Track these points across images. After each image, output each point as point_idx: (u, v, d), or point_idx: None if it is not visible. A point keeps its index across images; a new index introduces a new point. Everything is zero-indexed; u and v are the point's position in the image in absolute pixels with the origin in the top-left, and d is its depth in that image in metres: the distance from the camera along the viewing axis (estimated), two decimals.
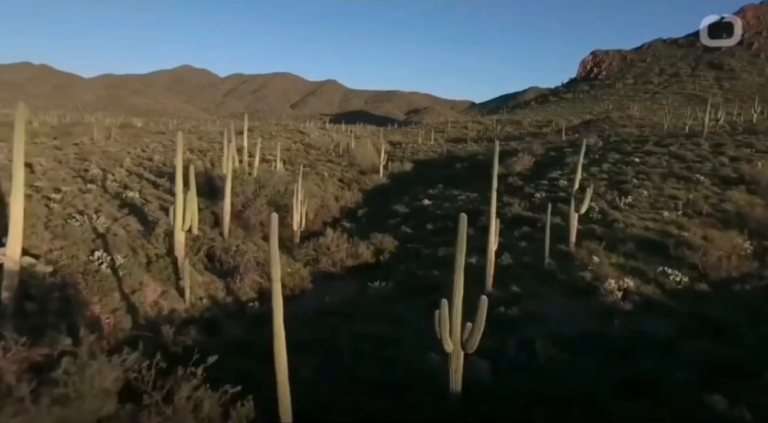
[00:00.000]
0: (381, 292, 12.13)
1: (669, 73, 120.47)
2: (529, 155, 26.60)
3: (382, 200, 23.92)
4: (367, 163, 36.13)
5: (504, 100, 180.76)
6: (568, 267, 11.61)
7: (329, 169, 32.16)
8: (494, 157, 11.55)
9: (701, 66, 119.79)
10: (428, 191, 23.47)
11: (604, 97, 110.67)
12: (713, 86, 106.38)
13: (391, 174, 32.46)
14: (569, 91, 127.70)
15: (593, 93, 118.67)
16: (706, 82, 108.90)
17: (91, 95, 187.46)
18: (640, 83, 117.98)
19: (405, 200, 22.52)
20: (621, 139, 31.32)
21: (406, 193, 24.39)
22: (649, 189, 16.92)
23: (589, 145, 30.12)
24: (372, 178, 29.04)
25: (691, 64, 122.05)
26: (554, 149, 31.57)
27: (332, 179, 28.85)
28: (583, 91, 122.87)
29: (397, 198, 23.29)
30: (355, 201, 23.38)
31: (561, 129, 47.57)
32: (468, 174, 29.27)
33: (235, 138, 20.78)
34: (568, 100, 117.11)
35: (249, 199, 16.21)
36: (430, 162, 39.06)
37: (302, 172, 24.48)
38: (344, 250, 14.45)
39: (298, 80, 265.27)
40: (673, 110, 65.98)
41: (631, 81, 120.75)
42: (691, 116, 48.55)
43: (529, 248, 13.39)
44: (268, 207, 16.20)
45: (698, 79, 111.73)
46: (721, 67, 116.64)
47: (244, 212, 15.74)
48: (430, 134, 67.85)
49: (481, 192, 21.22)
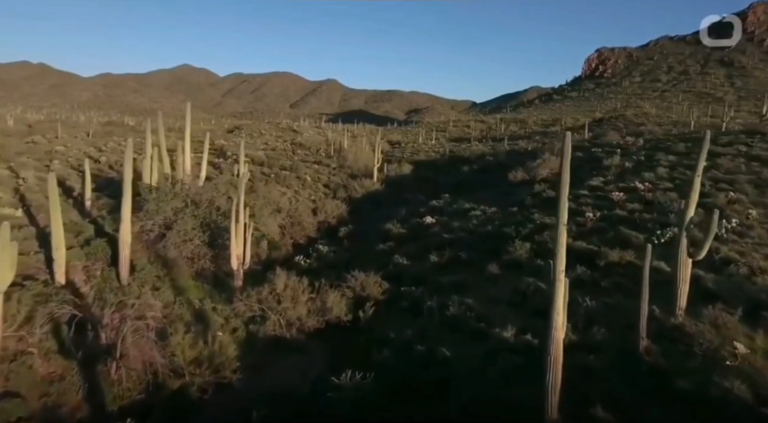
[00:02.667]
0: (353, 393, 6.89)
1: (677, 70, 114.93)
2: (554, 156, 21.33)
3: (372, 213, 18.73)
4: (360, 164, 30.87)
5: (505, 100, 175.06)
6: (685, 359, 6.36)
7: (314, 172, 26.94)
8: (563, 151, 6.00)
9: (711, 63, 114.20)
10: (431, 203, 18.08)
11: (610, 95, 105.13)
12: (724, 84, 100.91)
13: (386, 178, 27.21)
14: (574, 89, 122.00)
15: (599, 91, 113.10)
16: (716, 80, 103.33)
17: (87, 94, 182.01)
18: (647, 81, 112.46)
19: (401, 215, 17.18)
20: (660, 137, 26.00)
21: (404, 204, 19.16)
22: (747, 205, 11.63)
23: (624, 144, 24.87)
24: (364, 183, 23.77)
25: (700, 62, 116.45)
26: (579, 149, 26.23)
27: (316, 184, 23.65)
28: (589, 90, 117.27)
29: (391, 211, 18.02)
30: (338, 214, 18.12)
31: (583, 125, 42.12)
32: (477, 179, 24.04)
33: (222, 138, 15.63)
34: (573, 99, 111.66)
35: (171, 220, 10.97)
36: (432, 163, 33.79)
37: (276, 177, 19.37)
38: (303, 303, 9.21)
39: (298, 80, 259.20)
40: (685, 108, 60.90)
41: (639, 79, 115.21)
42: (707, 114, 43.34)
43: (598, 311, 8.04)
44: (202, 232, 10.96)
45: (708, 76, 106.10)
46: (732, 64, 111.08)
47: (161, 241, 10.53)
48: (431, 133, 62.88)
49: (500, 204, 15.99)
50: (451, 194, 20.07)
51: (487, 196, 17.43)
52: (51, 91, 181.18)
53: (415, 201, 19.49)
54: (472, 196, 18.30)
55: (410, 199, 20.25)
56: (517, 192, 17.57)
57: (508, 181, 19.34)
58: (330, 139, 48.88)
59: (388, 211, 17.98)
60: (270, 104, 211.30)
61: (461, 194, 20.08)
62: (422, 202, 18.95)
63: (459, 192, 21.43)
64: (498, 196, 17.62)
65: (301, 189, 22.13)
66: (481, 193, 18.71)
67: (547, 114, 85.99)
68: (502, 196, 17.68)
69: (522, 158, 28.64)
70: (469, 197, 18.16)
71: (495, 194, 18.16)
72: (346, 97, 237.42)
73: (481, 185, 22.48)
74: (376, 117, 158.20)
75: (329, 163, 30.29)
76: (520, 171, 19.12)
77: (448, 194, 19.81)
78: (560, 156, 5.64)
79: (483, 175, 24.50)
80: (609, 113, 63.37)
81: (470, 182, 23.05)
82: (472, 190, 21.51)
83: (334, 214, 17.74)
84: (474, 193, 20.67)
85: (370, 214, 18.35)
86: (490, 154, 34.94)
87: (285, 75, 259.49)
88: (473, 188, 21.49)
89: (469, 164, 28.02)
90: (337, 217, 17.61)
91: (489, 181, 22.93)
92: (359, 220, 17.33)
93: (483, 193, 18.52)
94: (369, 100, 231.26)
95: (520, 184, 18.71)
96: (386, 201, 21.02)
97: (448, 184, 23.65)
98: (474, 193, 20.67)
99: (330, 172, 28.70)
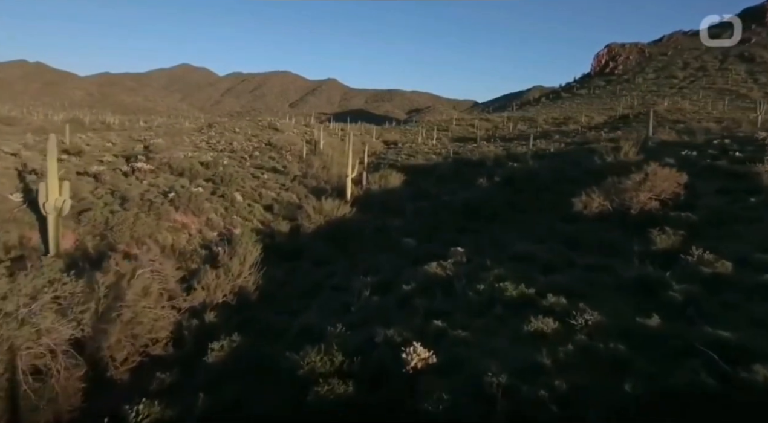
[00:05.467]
0: None
1: (694, 66, 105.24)
2: (662, 167, 11.25)
3: (310, 280, 9.50)
4: (333, 172, 21.79)
5: (508, 99, 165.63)
6: None
7: (260, 186, 17.89)
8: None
9: (730, 58, 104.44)
10: (429, 262, 8.08)
11: (624, 92, 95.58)
12: (747, 80, 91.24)
13: (365, 194, 18.12)
14: (583, 86, 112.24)
15: (610, 88, 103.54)
16: (737, 76, 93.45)
17: (81, 93, 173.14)
18: (662, 78, 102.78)
19: (366, 303, 7.28)
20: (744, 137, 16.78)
21: (375, 260, 9.96)
22: None
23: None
24: (324, 207, 14.42)
25: (718, 58, 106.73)
26: (664, 152, 16.79)
27: (251, 207, 14.55)
28: (599, 87, 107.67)
29: (351, 278, 8.77)
30: (244, 284, 8.74)
31: (603, 122, 32.96)
32: (504, 199, 14.85)
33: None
34: (582, 96, 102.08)
35: None
36: (432, 170, 24.62)
37: (177, 199, 10.51)
38: None
39: (298, 79, 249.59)
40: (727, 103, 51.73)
41: (653, 75, 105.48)
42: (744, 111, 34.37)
43: None
44: None
45: (728, 73, 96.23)
46: (753, 59, 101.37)
47: None
48: (432, 132, 54.13)
49: (579, 278, 6.79)
50: (466, 235, 10.96)
51: (541, 250, 8.24)
52: (43, 90, 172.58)
53: (403, 250, 10.35)
54: (507, 248, 9.01)
55: (391, 245, 11.07)
56: (602, 241, 8.40)
57: (572, 210, 10.15)
58: (315, 138, 40.38)
59: (347, 278, 8.86)
60: (269, 103, 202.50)
61: (483, 236, 10.94)
62: (411, 254, 9.80)
63: (477, 227, 12.27)
64: (560, 247, 8.48)
65: (217, 216, 13.04)
66: (524, 239, 9.52)
67: (557, 112, 77.11)
68: (567, 245, 8.56)
69: (560, 164, 19.43)
70: (502, 250, 8.89)
71: (550, 240, 9.03)
72: (347, 97, 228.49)
73: (513, 213, 13.32)
74: (376, 116, 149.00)
75: (289, 171, 21.17)
76: (595, 195, 9.89)
77: (462, 236, 10.69)
78: None
79: (512, 193, 15.28)
80: (634, 109, 54.39)
81: (494, 207, 13.84)
82: (501, 222, 12.36)
83: (236, 283, 8.51)
84: (505, 231, 11.45)
85: (306, 281, 9.27)
86: (508, 156, 25.77)
87: (284, 74, 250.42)
88: (503, 221, 12.37)
89: (486, 173, 18.74)
90: (237, 290, 8.39)
91: (525, 204, 13.78)
92: (281, 302, 8.27)
93: (525, 240, 9.36)
94: (369, 99, 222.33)
95: (598, 220, 9.59)
96: (351, 243, 11.89)
97: (458, 209, 14.47)
98: (505, 231, 11.45)
99: (291, 183, 19.64)
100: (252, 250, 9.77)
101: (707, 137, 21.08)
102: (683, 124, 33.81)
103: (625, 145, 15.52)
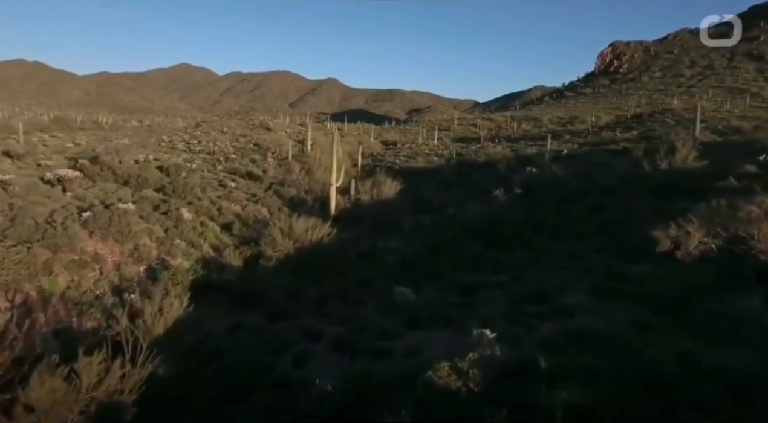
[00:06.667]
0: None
1: (702, 65, 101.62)
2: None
3: (247, 371, 6.10)
4: (317, 177, 18.44)
5: (509, 99, 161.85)
6: None
7: (225, 197, 14.54)
8: None
9: (738, 57, 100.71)
10: (432, 325, 5.18)
11: (630, 91, 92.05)
12: (757, 79, 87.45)
13: (353, 206, 14.75)
14: (587, 85, 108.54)
15: (616, 87, 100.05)
16: (747, 75, 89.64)
17: (79, 92, 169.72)
18: (669, 76, 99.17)
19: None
20: None
21: (355, 313, 6.74)
22: None
23: None
24: (296, 230, 11.03)
25: (726, 56, 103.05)
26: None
27: (202, 229, 11.20)
28: (604, 86, 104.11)
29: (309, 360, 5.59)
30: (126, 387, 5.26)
31: (615, 122, 29.85)
32: (531, 215, 11.45)
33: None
34: (587, 96, 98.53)
35: None
36: (434, 174, 21.28)
37: (93, 219, 7.21)
38: None
39: (298, 79, 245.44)
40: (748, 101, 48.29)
41: (659, 74, 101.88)
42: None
43: None
44: None
45: (737, 71, 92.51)
46: (762, 57, 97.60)
47: None
48: (433, 132, 50.86)
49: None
50: (483, 271, 7.60)
51: (617, 321, 4.93)
52: (41, 89, 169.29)
53: (395, 303, 7.02)
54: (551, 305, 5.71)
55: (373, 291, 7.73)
56: (725, 311, 5.05)
57: (653, 249, 6.72)
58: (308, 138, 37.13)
59: (307, 356, 5.57)
60: (268, 103, 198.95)
61: (509, 275, 7.60)
62: (409, 307, 6.46)
63: (498, 257, 8.88)
64: (647, 312, 5.12)
65: (152, 241, 9.70)
66: (571, 285, 6.20)
67: (562, 111, 73.79)
68: (658, 311, 5.20)
69: (585, 169, 16.03)
70: (546, 312, 5.56)
71: (621, 296, 5.70)
72: (347, 97, 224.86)
73: (539, 236, 9.95)
74: (376, 116, 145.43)
75: (264, 178, 17.76)
76: (692, 226, 6.37)
77: (479, 274, 7.34)
78: None
79: (533, 206, 11.92)
80: (643, 108, 51.02)
81: (517, 229, 10.46)
82: (528, 250, 8.99)
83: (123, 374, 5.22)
84: (537, 265, 8.10)
85: (244, 364, 5.98)
86: (517, 158, 22.40)
87: (284, 74, 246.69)
88: (530, 248, 9.02)
89: (502, 180, 15.31)
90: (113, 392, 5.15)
91: (555, 223, 10.40)
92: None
93: (574, 288, 6.04)
94: (370, 99, 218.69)
95: (697, 265, 6.23)
96: (328, 280, 8.52)
97: (467, 226, 11.08)
98: (537, 265, 8.10)
99: (256, 194, 16.22)
100: (174, 301, 6.37)
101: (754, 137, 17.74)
102: (704, 123, 30.51)
103: (683, 147, 12.08)
